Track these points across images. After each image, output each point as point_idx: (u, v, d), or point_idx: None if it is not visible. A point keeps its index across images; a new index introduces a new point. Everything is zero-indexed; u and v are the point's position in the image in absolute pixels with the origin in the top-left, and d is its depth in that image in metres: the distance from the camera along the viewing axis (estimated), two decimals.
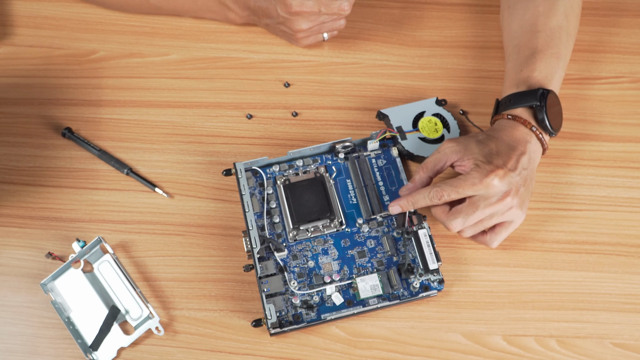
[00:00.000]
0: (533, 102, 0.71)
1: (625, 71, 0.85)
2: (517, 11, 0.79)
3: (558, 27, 0.76)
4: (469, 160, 0.69)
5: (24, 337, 0.69)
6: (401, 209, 0.71)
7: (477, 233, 0.71)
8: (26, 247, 0.74)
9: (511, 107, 0.72)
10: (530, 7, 0.78)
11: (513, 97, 0.73)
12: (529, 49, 0.75)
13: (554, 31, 0.76)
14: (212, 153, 0.79)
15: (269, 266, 0.71)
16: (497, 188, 0.67)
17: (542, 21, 0.76)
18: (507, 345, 0.69)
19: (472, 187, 0.67)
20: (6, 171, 0.78)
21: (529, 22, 0.77)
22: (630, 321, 0.70)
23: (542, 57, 0.74)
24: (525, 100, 0.72)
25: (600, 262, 0.73)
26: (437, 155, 0.71)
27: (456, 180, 0.68)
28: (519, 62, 0.75)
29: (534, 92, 0.72)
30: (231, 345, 0.69)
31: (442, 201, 0.69)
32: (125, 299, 0.70)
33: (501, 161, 0.68)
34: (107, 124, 0.81)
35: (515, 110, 0.72)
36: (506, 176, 0.67)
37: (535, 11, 0.77)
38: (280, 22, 0.82)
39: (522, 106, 0.72)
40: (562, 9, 0.77)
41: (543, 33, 0.76)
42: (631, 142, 0.80)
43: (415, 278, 0.70)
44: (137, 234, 0.75)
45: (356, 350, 0.69)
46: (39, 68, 0.84)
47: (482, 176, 0.67)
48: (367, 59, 0.86)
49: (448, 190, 0.68)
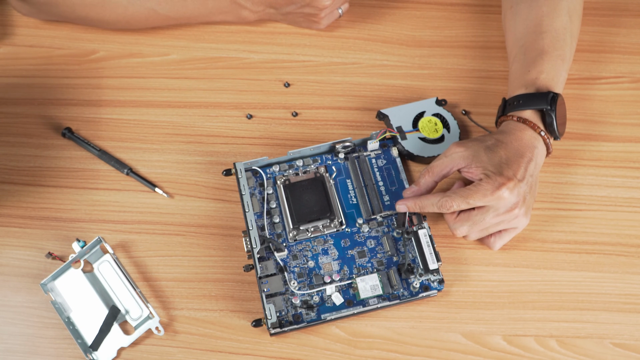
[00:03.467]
0: (543, 106, 0.71)
1: (626, 71, 0.85)
2: (520, 11, 0.79)
3: (563, 28, 0.76)
4: (478, 169, 0.69)
5: (24, 337, 0.69)
6: (408, 210, 0.71)
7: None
8: (26, 247, 0.74)
9: (520, 108, 0.72)
10: (534, 8, 0.78)
11: (522, 98, 0.72)
12: (535, 50, 0.75)
13: (559, 32, 0.76)
14: (212, 153, 0.79)
15: (269, 266, 0.71)
16: (508, 200, 0.67)
17: (547, 22, 0.76)
18: (507, 345, 0.69)
19: (482, 199, 0.67)
20: (6, 171, 0.78)
21: (534, 23, 0.77)
22: (630, 321, 0.70)
23: (548, 58, 0.74)
24: (535, 103, 0.71)
25: (600, 262, 0.73)
26: (445, 160, 0.71)
27: (466, 191, 0.68)
28: (526, 62, 0.75)
29: (544, 95, 0.71)
30: (231, 345, 0.69)
31: (451, 211, 0.69)
32: (125, 299, 0.70)
33: (511, 172, 0.68)
34: (107, 124, 0.81)
35: (524, 112, 0.72)
36: (516, 187, 0.67)
37: (539, 11, 0.77)
38: (305, 4, 0.82)
39: (531, 109, 0.72)
40: (565, 10, 0.77)
41: (548, 34, 0.75)
42: (631, 142, 0.80)
43: (415, 278, 0.70)
44: (137, 234, 0.75)
45: (356, 350, 0.69)
46: (39, 68, 0.84)
47: (493, 188, 0.67)
48: (367, 59, 0.86)
49: (458, 201, 0.68)
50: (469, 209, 0.69)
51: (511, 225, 0.70)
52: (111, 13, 0.82)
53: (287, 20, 0.86)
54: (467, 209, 0.69)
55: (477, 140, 0.71)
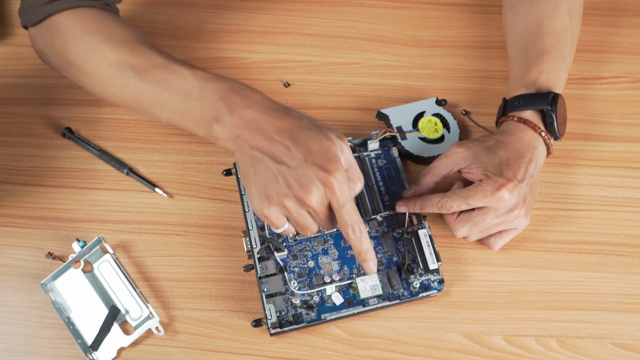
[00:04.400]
0: (544, 106, 0.71)
1: (626, 71, 0.85)
2: (520, 11, 0.79)
3: (563, 29, 0.76)
4: (478, 169, 0.69)
5: (24, 337, 0.69)
6: (408, 210, 0.71)
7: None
8: (26, 247, 0.74)
9: (520, 108, 0.72)
10: (534, 7, 0.78)
11: (522, 98, 0.72)
12: (535, 50, 0.75)
13: (560, 32, 0.76)
14: (212, 153, 0.79)
15: (269, 266, 0.71)
16: (508, 201, 0.67)
17: (547, 22, 0.76)
18: (507, 345, 0.69)
19: (482, 200, 0.67)
20: (6, 171, 0.78)
21: (534, 23, 0.77)
22: (630, 321, 0.70)
23: (549, 58, 0.74)
24: (536, 103, 0.71)
25: (600, 262, 0.73)
26: (445, 161, 0.71)
27: (466, 191, 0.68)
28: (527, 62, 0.75)
29: (544, 96, 0.71)
30: (231, 345, 0.69)
31: (451, 212, 0.69)
32: (125, 299, 0.70)
33: (511, 173, 0.68)
34: (107, 124, 0.81)
35: (524, 112, 0.72)
36: (516, 188, 0.67)
37: (540, 11, 0.77)
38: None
39: (532, 109, 0.71)
40: (565, 10, 0.77)
41: (549, 34, 0.75)
42: (631, 142, 0.80)
43: (415, 278, 0.70)
44: (137, 234, 0.75)
45: (356, 350, 0.69)
46: (39, 68, 0.84)
47: (493, 189, 0.67)
48: (367, 59, 0.86)
49: (458, 202, 0.68)
50: (469, 210, 0.69)
51: (511, 225, 0.70)
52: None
53: (250, 167, 0.62)
54: (468, 210, 0.69)
55: (477, 141, 0.71)
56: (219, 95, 0.64)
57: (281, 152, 0.60)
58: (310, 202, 0.59)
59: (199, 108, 0.64)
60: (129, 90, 0.68)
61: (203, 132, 0.65)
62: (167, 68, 0.66)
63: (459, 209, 0.68)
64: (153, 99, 0.67)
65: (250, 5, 0.89)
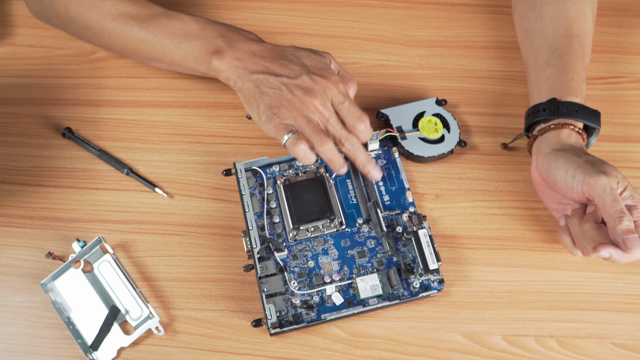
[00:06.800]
0: (597, 126, 0.73)
1: (625, 71, 0.85)
2: (546, 13, 0.78)
3: (589, 34, 0.77)
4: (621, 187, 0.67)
5: (24, 337, 0.69)
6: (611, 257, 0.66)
7: None
8: (26, 247, 0.74)
9: (576, 117, 0.72)
10: (561, 10, 0.78)
11: (579, 108, 0.72)
12: (573, 55, 0.75)
13: (587, 38, 0.77)
14: (212, 153, 0.79)
15: (269, 266, 0.71)
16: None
17: (577, 26, 0.77)
18: (507, 345, 0.69)
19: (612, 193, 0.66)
20: (6, 171, 0.78)
21: (564, 26, 0.77)
22: (630, 321, 0.70)
23: (582, 65, 0.75)
24: (591, 119, 0.72)
25: (600, 262, 0.73)
26: (611, 196, 0.65)
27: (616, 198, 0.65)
28: (565, 68, 0.75)
29: (597, 115, 0.73)
30: (231, 345, 0.69)
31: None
32: (125, 299, 0.70)
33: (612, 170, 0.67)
34: (107, 124, 0.81)
35: (578, 123, 0.72)
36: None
37: (567, 15, 0.77)
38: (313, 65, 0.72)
39: (587, 123, 0.72)
40: (590, 15, 0.78)
41: (579, 39, 0.76)
42: (631, 142, 0.80)
43: (415, 278, 0.70)
44: (137, 234, 0.75)
45: (356, 350, 0.69)
46: (39, 68, 0.84)
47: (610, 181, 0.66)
48: (367, 59, 0.86)
49: (636, 197, 0.66)
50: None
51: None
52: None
53: (250, 88, 0.70)
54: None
55: (590, 162, 0.68)
56: (218, 34, 0.72)
57: (280, 69, 0.69)
58: (315, 102, 0.68)
59: (199, 45, 0.72)
60: (132, 38, 0.75)
61: (203, 67, 0.73)
62: (168, 15, 0.74)
63: (625, 212, 0.65)
64: (155, 44, 0.74)
65: (250, 5, 0.89)
